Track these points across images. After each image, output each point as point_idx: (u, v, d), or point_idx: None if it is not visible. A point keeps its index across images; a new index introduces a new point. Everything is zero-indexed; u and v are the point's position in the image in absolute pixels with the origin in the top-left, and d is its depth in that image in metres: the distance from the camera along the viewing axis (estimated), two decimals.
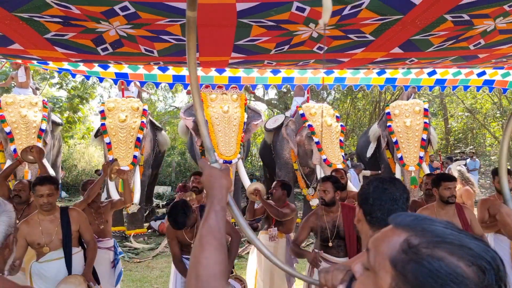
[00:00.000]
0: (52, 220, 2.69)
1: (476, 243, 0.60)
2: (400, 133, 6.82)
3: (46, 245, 2.65)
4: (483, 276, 0.57)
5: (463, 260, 0.58)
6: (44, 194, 2.60)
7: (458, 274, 0.57)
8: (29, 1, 1.81)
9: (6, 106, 6.16)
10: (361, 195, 1.34)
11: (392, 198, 1.28)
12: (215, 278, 0.78)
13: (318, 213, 2.98)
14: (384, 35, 2.34)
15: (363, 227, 1.32)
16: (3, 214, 1.20)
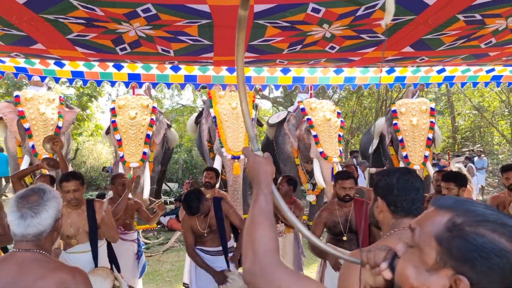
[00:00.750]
0: (79, 214, 2.78)
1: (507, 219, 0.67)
2: (406, 131, 6.83)
3: (74, 237, 2.75)
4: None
5: (504, 236, 0.64)
6: (70, 190, 2.66)
7: (501, 248, 0.63)
8: (57, 3, 1.89)
9: (25, 102, 6.25)
10: (383, 186, 1.40)
11: (415, 187, 1.36)
12: (271, 252, 0.85)
13: (330, 208, 3.04)
14: (396, 35, 2.40)
15: (385, 217, 1.39)
16: (52, 200, 1.31)
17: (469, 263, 0.65)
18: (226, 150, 6.25)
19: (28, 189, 1.36)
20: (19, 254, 1.26)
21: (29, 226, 1.26)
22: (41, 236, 1.29)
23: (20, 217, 1.27)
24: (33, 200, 1.29)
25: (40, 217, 1.28)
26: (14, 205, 1.30)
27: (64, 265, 1.31)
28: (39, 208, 1.28)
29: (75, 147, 14.47)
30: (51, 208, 1.31)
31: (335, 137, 6.79)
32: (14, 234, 1.28)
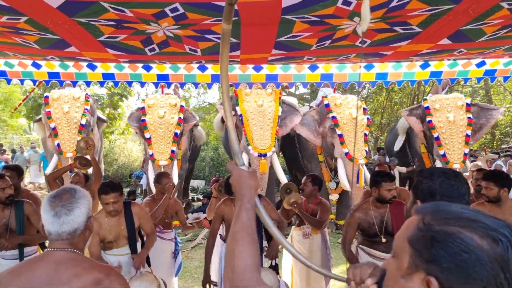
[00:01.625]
0: (117, 219, 2.80)
1: (492, 220, 0.63)
2: (442, 128, 6.51)
3: (114, 242, 2.79)
4: (496, 246, 0.59)
5: (476, 232, 0.61)
6: (110, 202, 2.68)
7: (469, 244, 0.60)
8: (89, 6, 1.92)
9: (52, 102, 6.49)
10: (424, 190, 1.29)
11: (460, 193, 1.25)
12: (250, 269, 0.84)
13: (364, 208, 2.95)
14: (433, 26, 2.28)
15: None
16: (83, 198, 1.35)
17: (437, 262, 0.62)
18: (252, 148, 6.23)
19: (60, 189, 1.40)
20: (55, 253, 1.29)
21: (63, 223, 1.29)
22: (75, 234, 1.31)
23: (55, 215, 1.30)
24: (65, 198, 1.33)
25: (73, 214, 1.31)
26: (47, 204, 1.34)
27: (98, 264, 1.33)
28: (72, 206, 1.32)
29: (107, 144, 14.96)
30: (83, 206, 1.35)
31: (361, 137, 6.59)
32: (49, 233, 1.31)
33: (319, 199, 3.59)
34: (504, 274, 0.59)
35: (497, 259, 0.59)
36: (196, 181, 13.10)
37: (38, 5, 1.87)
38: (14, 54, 3.01)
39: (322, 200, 3.58)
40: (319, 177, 3.73)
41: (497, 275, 0.59)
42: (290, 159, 9.17)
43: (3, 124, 17.98)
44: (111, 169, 14.36)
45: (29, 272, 1.24)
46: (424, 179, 1.30)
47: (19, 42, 2.52)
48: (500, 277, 0.59)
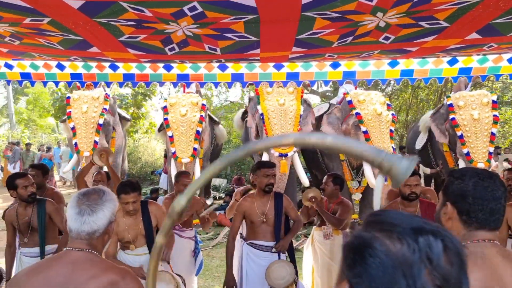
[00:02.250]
0: (135, 218, 2.82)
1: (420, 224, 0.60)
2: (466, 126, 6.24)
3: (133, 242, 2.81)
4: (406, 251, 0.57)
5: (390, 236, 0.59)
6: (130, 202, 2.69)
7: (377, 249, 0.58)
8: (109, 6, 1.94)
9: (73, 102, 6.68)
10: (455, 191, 1.19)
11: (495, 196, 1.16)
12: None
13: (393, 207, 2.87)
14: (461, 21, 2.17)
15: (455, 226, 1.20)
16: (110, 201, 1.35)
17: (351, 268, 0.61)
18: (273, 148, 6.19)
19: (91, 188, 1.42)
20: (73, 253, 1.30)
21: (84, 223, 1.30)
22: (94, 235, 1.32)
23: (78, 213, 1.31)
24: (93, 199, 1.34)
25: (96, 215, 1.32)
26: (74, 201, 1.35)
27: (115, 266, 1.33)
28: (97, 207, 1.32)
29: (131, 143, 15.28)
30: (108, 209, 1.35)
31: (387, 133, 6.39)
32: (70, 230, 1.32)
33: (341, 198, 3.52)
34: (406, 281, 0.55)
35: (401, 264, 0.56)
36: (218, 180, 13.19)
37: (59, 7, 1.90)
38: (40, 55, 3.10)
39: (343, 200, 3.51)
40: (340, 176, 3.65)
41: (396, 282, 0.55)
42: (310, 158, 9.06)
43: (33, 124, 18.72)
44: (135, 167, 14.65)
45: (47, 271, 1.25)
46: (456, 180, 1.20)
47: (43, 43, 2.59)
48: (400, 284, 0.55)
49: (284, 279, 2.81)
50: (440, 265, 0.56)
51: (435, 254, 0.56)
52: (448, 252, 0.57)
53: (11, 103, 19.66)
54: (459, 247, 0.59)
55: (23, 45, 2.67)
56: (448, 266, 0.57)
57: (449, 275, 0.56)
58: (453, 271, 0.57)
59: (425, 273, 0.55)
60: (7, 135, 16.91)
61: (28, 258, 2.86)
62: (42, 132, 18.06)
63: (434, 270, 0.55)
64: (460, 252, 0.59)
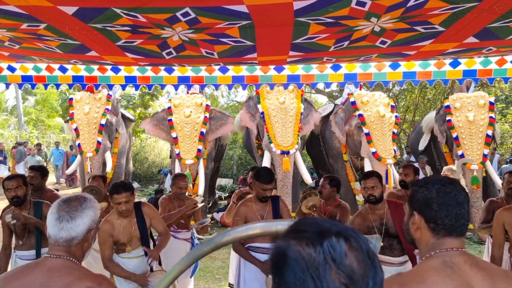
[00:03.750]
0: (129, 220, 2.85)
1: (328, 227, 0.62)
2: (461, 128, 6.18)
3: (128, 244, 2.83)
4: (313, 254, 0.59)
5: (300, 242, 0.61)
6: (122, 202, 2.71)
7: (288, 256, 0.60)
8: (102, 12, 1.96)
9: (76, 103, 6.76)
10: (420, 200, 1.20)
11: (458, 201, 1.17)
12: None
13: (363, 213, 2.87)
14: (456, 25, 2.15)
15: (424, 236, 1.20)
16: (90, 209, 1.36)
17: (273, 278, 0.63)
18: (275, 146, 6.19)
19: (73, 195, 1.43)
20: (51, 260, 1.30)
21: (62, 229, 1.31)
22: (72, 242, 1.32)
23: (57, 219, 1.32)
24: (72, 205, 1.35)
25: (74, 222, 1.32)
26: (55, 207, 1.36)
27: (91, 274, 1.34)
28: (76, 214, 1.33)
29: (138, 143, 15.39)
30: (87, 217, 1.35)
31: (389, 136, 6.35)
32: (49, 236, 1.33)
33: (338, 201, 3.50)
34: (314, 283, 0.57)
35: (309, 268, 0.58)
36: (224, 180, 13.22)
37: (54, 13, 1.93)
38: (40, 59, 3.15)
39: (341, 202, 3.49)
40: (336, 178, 3.64)
41: (306, 285, 0.58)
42: (316, 158, 9.05)
43: (41, 124, 18.98)
44: (142, 167, 14.77)
45: (23, 278, 1.26)
46: (420, 189, 1.21)
47: (42, 48, 2.62)
48: (309, 286, 0.58)
49: None
50: (344, 264, 0.59)
51: (337, 254, 0.59)
52: (353, 251, 0.60)
53: (20, 103, 19.97)
54: (364, 244, 0.62)
55: (23, 49, 2.71)
56: (353, 264, 0.59)
57: (353, 272, 0.59)
58: (358, 269, 0.59)
59: (331, 273, 0.58)
60: (16, 135, 17.18)
61: (24, 261, 2.86)
62: (51, 132, 18.30)
63: (339, 269, 0.58)
64: (365, 249, 0.61)
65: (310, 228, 0.63)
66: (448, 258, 1.12)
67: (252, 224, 0.96)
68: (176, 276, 0.98)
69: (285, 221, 0.90)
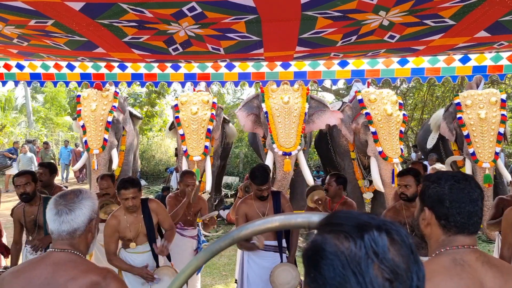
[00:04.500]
0: (136, 216, 2.86)
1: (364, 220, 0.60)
2: (472, 125, 6.09)
3: (134, 240, 2.85)
4: (353, 248, 0.57)
5: (338, 236, 0.59)
6: (129, 198, 2.72)
7: (326, 250, 0.59)
8: (109, 8, 1.96)
9: (83, 101, 6.79)
10: (432, 196, 1.17)
11: (472, 198, 1.14)
12: None
13: (397, 208, 2.84)
14: (467, 18, 2.11)
15: (434, 232, 1.18)
16: (87, 199, 1.37)
17: (308, 274, 0.61)
18: (277, 146, 6.15)
19: (68, 189, 1.44)
20: (55, 254, 1.31)
21: (63, 222, 1.31)
22: (75, 234, 1.33)
23: (56, 213, 1.33)
24: (69, 198, 1.36)
25: (73, 214, 1.32)
26: (52, 204, 1.37)
27: (96, 267, 1.34)
28: (74, 206, 1.33)
29: (145, 141, 15.48)
30: (86, 207, 1.35)
31: (396, 135, 6.28)
32: (51, 232, 1.34)
33: (344, 198, 3.48)
34: (356, 278, 0.55)
35: (350, 262, 0.56)
36: (230, 178, 13.25)
37: (61, 9, 1.93)
38: (48, 56, 3.16)
39: (347, 200, 3.47)
40: (343, 175, 3.62)
41: (348, 280, 0.56)
42: (324, 156, 9.01)
43: (50, 122, 19.17)
44: (149, 165, 14.85)
45: (30, 272, 1.27)
46: (432, 184, 1.18)
47: (50, 44, 2.63)
48: (351, 282, 0.55)
49: (289, 283, 2.80)
50: (387, 258, 0.56)
51: (380, 248, 0.57)
52: (395, 244, 0.58)
53: (29, 101, 20.19)
54: (406, 238, 0.59)
55: (31, 46, 2.72)
56: (396, 258, 0.57)
57: (397, 267, 0.57)
58: (402, 263, 0.57)
59: (374, 267, 0.56)
60: (25, 133, 17.37)
61: (34, 255, 2.93)
62: (59, 130, 18.49)
63: (382, 264, 0.56)
64: (407, 243, 0.59)
65: (347, 221, 0.61)
66: (459, 256, 1.10)
67: (271, 217, 0.94)
68: (194, 270, 0.97)
69: (305, 214, 0.87)
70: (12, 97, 22.49)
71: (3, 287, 1.25)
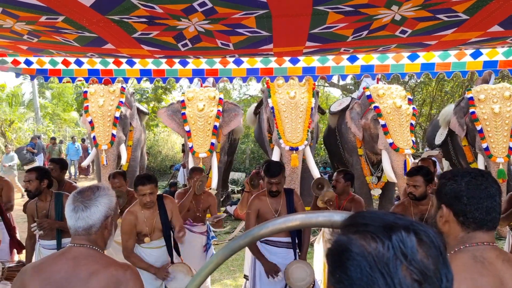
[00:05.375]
0: (152, 212, 2.89)
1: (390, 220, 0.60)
2: (486, 120, 6.03)
3: (149, 235, 2.87)
4: (381, 249, 0.56)
5: (364, 237, 0.59)
6: (147, 193, 2.75)
7: (352, 251, 0.58)
8: (119, 3, 1.96)
9: (90, 96, 6.79)
10: (449, 193, 1.16)
11: (489, 194, 1.12)
12: None
13: (406, 205, 2.82)
14: (481, 13, 2.07)
15: (452, 229, 1.17)
16: (104, 197, 1.38)
17: (333, 273, 0.61)
18: (283, 142, 6.13)
19: (86, 186, 1.45)
20: (75, 249, 1.33)
21: (79, 219, 1.33)
22: (91, 230, 1.34)
23: (73, 209, 1.35)
24: (86, 195, 1.37)
25: (89, 211, 1.34)
26: (70, 199, 1.39)
27: (116, 262, 1.36)
28: (90, 203, 1.35)
29: (152, 137, 15.54)
30: (101, 204, 1.36)
31: (407, 126, 6.23)
32: (69, 227, 1.36)
33: (352, 195, 3.47)
34: (384, 280, 0.54)
35: (377, 263, 0.55)
36: (236, 174, 13.26)
37: (72, 4, 1.93)
38: (58, 52, 3.18)
39: (355, 196, 3.46)
40: (350, 172, 3.60)
41: (376, 282, 0.55)
42: (332, 152, 8.99)
43: (57, 118, 19.32)
44: (156, 161, 14.92)
45: (51, 266, 1.29)
46: (448, 181, 1.17)
47: (60, 41, 2.64)
48: (379, 283, 0.55)
49: (304, 280, 2.80)
50: (416, 259, 0.56)
51: (409, 249, 0.56)
52: (423, 245, 0.57)
53: (37, 97, 20.35)
54: (435, 239, 0.58)
55: (41, 42, 2.73)
56: (425, 259, 0.56)
57: (426, 268, 0.56)
58: (430, 264, 0.56)
59: (402, 269, 0.55)
60: (33, 128, 17.53)
61: (46, 250, 2.97)
62: (66, 125, 18.64)
63: (410, 265, 0.55)
64: (436, 244, 0.58)
65: (373, 221, 0.60)
66: (479, 253, 1.09)
67: (292, 216, 0.94)
68: (214, 268, 0.97)
69: (327, 213, 0.87)
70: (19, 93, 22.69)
71: (24, 281, 1.27)
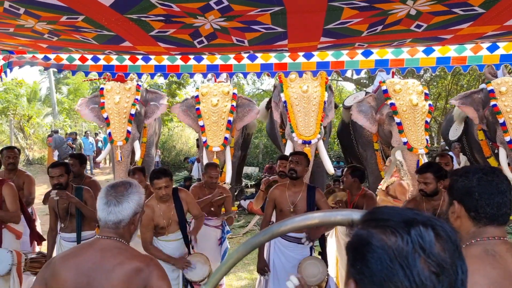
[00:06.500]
0: (168, 205, 2.97)
1: (410, 215, 0.63)
2: (509, 113, 5.91)
3: (166, 228, 2.96)
4: (400, 243, 0.59)
5: (384, 231, 0.62)
6: (162, 187, 2.82)
7: (373, 244, 0.61)
8: (138, 3, 2.01)
9: (106, 93, 6.92)
10: (461, 189, 1.20)
11: (500, 190, 1.16)
12: None
13: (418, 200, 2.83)
14: (497, 6, 2.05)
15: (464, 225, 1.20)
16: (135, 194, 1.44)
17: (354, 265, 0.63)
18: (296, 135, 6.12)
19: (119, 180, 1.53)
20: (102, 241, 1.40)
21: (110, 213, 1.40)
22: (120, 225, 1.41)
23: (106, 203, 1.41)
24: (119, 191, 1.44)
25: (121, 206, 1.40)
26: (103, 193, 1.46)
27: (140, 254, 1.42)
28: (122, 198, 1.42)
29: (166, 132, 15.72)
30: (132, 201, 1.43)
31: (422, 125, 6.15)
32: (99, 219, 1.44)
33: (364, 190, 3.48)
34: (403, 271, 0.58)
35: (397, 256, 0.59)
36: (249, 168, 13.33)
37: (92, 5, 1.99)
38: (77, 50, 3.26)
39: (367, 192, 3.47)
40: (360, 168, 3.62)
41: (395, 273, 0.58)
42: (346, 146, 8.94)
43: (73, 113, 19.69)
44: (170, 155, 15.09)
45: (78, 257, 1.37)
46: (460, 178, 1.21)
47: (79, 39, 2.72)
48: (399, 275, 0.58)
49: (316, 277, 2.85)
50: (433, 252, 0.59)
51: (427, 243, 0.59)
52: (440, 240, 0.61)
53: (54, 93, 20.73)
54: (451, 233, 0.62)
55: (61, 41, 2.82)
56: (442, 252, 0.60)
57: (443, 261, 0.59)
58: (447, 257, 0.60)
59: (420, 261, 0.59)
60: (50, 124, 17.92)
61: (67, 242, 3.08)
62: (82, 121, 18.99)
63: (428, 258, 0.59)
64: (453, 238, 0.62)
65: (393, 217, 0.63)
66: (490, 246, 1.12)
67: (311, 214, 0.98)
68: (235, 262, 1.02)
69: (346, 212, 0.91)
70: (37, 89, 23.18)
71: (53, 271, 1.34)
